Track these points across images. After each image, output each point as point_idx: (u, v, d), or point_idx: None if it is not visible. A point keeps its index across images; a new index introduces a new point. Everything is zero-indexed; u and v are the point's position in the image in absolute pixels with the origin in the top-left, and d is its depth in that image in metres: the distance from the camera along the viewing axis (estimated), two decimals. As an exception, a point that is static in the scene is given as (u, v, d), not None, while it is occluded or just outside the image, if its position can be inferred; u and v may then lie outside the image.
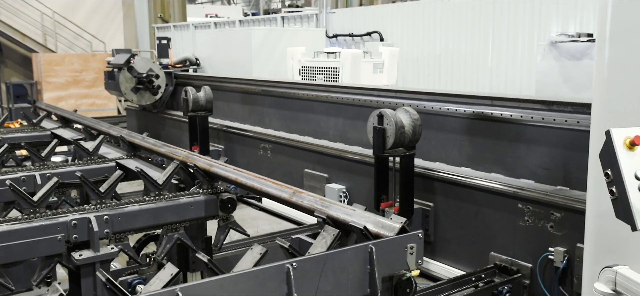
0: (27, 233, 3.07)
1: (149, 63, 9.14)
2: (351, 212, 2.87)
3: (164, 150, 4.85)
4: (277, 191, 3.41)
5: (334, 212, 2.88)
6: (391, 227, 2.64)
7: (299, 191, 3.25)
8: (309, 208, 3.04)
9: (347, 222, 2.84)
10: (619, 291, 2.05)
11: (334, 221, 2.85)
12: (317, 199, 3.07)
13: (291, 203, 3.26)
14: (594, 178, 2.60)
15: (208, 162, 4.01)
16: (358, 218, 2.79)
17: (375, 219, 2.77)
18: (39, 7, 17.53)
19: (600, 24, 2.59)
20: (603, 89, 2.57)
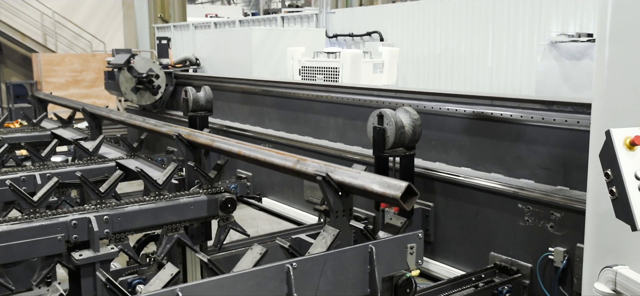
0: (27, 233, 3.08)
1: (149, 63, 9.14)
2: (356, 175, 2.82)
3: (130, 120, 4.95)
4: (280, 161, 3.39)
5: (338, 176, 2.82)
6: (397, 186, 2.57)
7: (302, 159, 3.21)
8: (313, 174, 2.94)
9: (351, 185, 2.75)
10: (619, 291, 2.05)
11: (338, 183, 2.77)
12: (321, 165, 3.01)
13: (296, 170, 3.21)
14: (594, 178, 2.60)
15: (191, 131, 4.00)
16: (363, 180, 2.72)
17: (381, 180, 2.70)
18: (39, 7, 17.53)
19: (600, 24, 2.59)
20: (603, 89, 2.57)
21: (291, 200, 6.70)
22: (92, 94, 16.43)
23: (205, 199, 3.65)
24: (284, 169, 3.36)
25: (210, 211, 3.68)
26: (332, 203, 2.75)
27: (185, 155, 3.97)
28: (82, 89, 16.36)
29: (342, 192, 2.77)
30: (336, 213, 2.75)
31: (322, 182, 2.78)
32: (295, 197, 6.64)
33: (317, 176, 2.80)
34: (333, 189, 2.77)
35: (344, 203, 2.80)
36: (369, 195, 2.69)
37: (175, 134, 3.94)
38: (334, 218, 2.74)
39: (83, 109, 6.04)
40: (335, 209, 2.76)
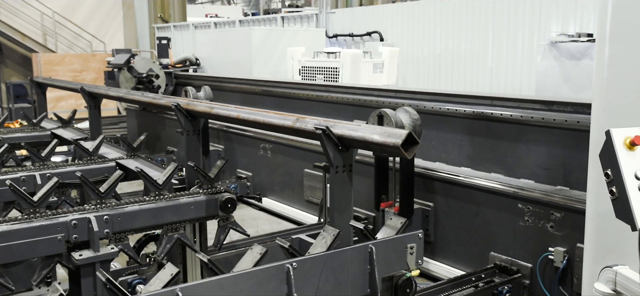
0: (27, 233, 3.08)
1: (149, 63, 9.14)
2: (356, 127, 2.78)
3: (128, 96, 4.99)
4: (279, 120, 3.37)
5: (338, 129, 2.77)
6: (398, 134, 2.53)
7: (302, 117, 3.18)
8: (312, 130, 2.89)
9: (351, 137, 2.70)
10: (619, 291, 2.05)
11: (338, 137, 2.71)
12: (320, 121, 2.97)
13: (295, 129, 3.18)
14: (594, 178, 2.60)
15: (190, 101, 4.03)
16: (363, 132, 2.69)
17: (382, 130, 2.65)
18: (39, 7, 17.53)
19: (600, 24, 2.59)
20: (603, 89, 2.57)
21: (291, 200, 6.70)
22: (92, 94, 16.44)
23: (205, 199, 3.65)
24: (283, 128, 3.32)
25: (210, 211, 3.68)
26: (332, 158, 2.69)
27: (184, 125, 3.93)
28: (82, 89, 16.36)
29: (342, 146, 2.71)
30: (336, 168, 2.69)
31: (322, 136, 2.72)
32: (295, 197, 6.64)
33: (317, 130, 2.75)
34: (333, 143, 2.72)
35: (344, 157, 2.73)
36: (370, 146, 2.63)
37: (174, 104, 3.96)
38: (334, 173, 2.69)
39: (82, 88, 6.16)
40: (335, 164, 2.70)
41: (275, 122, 3.42)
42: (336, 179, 2.69)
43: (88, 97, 6.19)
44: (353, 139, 2.69)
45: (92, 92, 6.22)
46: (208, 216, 3.71)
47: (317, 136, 2.75)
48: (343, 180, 2.71)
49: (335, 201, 2.71)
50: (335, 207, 2.70)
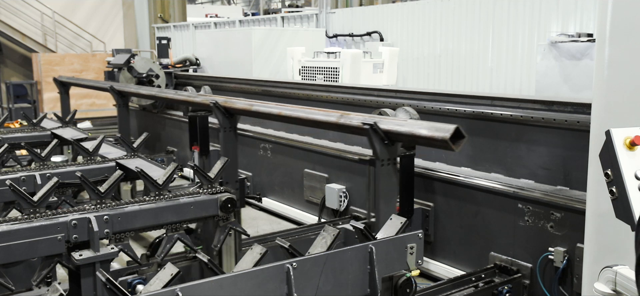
0: (27, 233, 3.08)
1: (149, 63, 9.14)
2: (403, 122, 2.90)
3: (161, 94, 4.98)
4: (324, 117, 3.43)
5: (385, 125, 2.89)
6: (446, 129, 2.60)
7: (346, 113, 3.25)
8: (359, 126, 3.00)
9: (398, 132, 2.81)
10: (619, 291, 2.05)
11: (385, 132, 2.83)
12: (366, 116, 3.10)
13: (339, 124, 3.31)
14: (594, 178, 2.60)
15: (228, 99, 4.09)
16: (410, 127, 2.81)
17: (428, 124, 2.73)
18: (39, 7, 17.52)
19: (600, 24, 2.59)
20: (603, 89, 2.57)
21: (291, 200, 6.70)
22: (92, 94, 16.40)
23: (205, 200, 3.65)
24: (327, 124, 3.45)
25: (210, 211, 3.68)
26: (378, 151, 2.81)
27: (222, 122, 4.04)
28: (82, 90, 16.34)
29: (389, 140, 2.82)
30: (382, 161, 2.80)
31: (369, 130, 2.84)
32: (295, 197, 6.64)
33: (365, 125, 2.86)
34: (380, 137, 2.82)
35: (389, 151, 2.85)
36: (417, 140, 2.74)
37: (213, 102, 4.05)
38: (380, 165, 2.81)
39: (111, 87, 6.23)
40: (382, 157, 2.82)
41: (319, 119, 3.51)
42: (382, 171, 2.82)
43: (117, 95, 6.20)
44: (400, 134, 2.81)
45: (121, 91, 6.21)
46: (208, 216, 3.71)
47: (364, 131, 2.86)
48: (388, 172, 2.84)
49: (381, 191, 2.83)
50: (382, 196, 2.83)
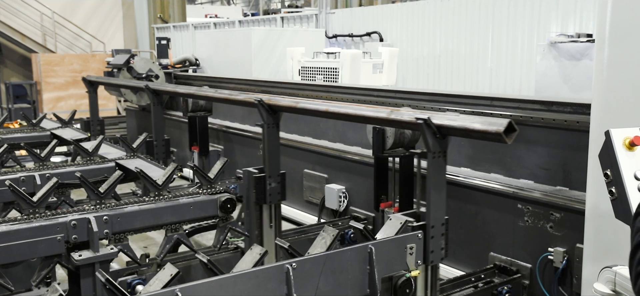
0: (26, 233, 3.08)
1: (148, 63, 9.14)
2: (455, 117, 3.01)
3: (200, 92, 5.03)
4: (373, 113, 3.55)
5: (438, 120, 3.01)
6: (499, 122, 2.70)
7: (396, 109, 3.32)
8: (410, 122, 3.14)
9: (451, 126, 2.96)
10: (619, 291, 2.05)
11: (438, 126, 2.97)
12: (416, 111, 3.23)
13: (390, 120, 3.38)
14: (594, 178, 2.60)
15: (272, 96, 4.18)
16: (463, 121, 2.94)
17: (481, 119, 2.85)
18: (39, 7, 17.52)
19: (599, 25, 2.59)
20: (602, 90, 2.58)
21: (291, 201, 6.70)
22: (91, 95, 16.42)
23: (205, 200, 3.65)
24: (377, 120, 3.51)
25: (209, 211, 3.68)
26: (430, 145, 2.97)
27: (265, 119, 4.17)
28: (81, 90, 16.29)
29: (440, 134, 2.98)
30: (433, 154, 2.97)
31: (422, 125, 3.00)
32: (294, 197, 6.64)
33: (418, 120, 3.02)
34: (432, 131, 2.98)
35: (441, 144, 3.01)
36: (470, 134, 2.87)
37: (257, 100, 4.14)
38: (432, 158, 2.97)
39: (146, 87, 6.25)
40: (433, 150, 2.97)
41: (368, 115, 3.58)
42: (433, 163, 2.99)
43: (152, 94, 6.22)
44: (452, 128, 2.95)
45: (156, 90, 6.22)
46: (208, 216, 3.71)
47: (417, 125, 3.03)
48: (439, 164, 3.01)
49: (433, 182, 3.00)
50: (433, 187, 3.00)
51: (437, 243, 3.05)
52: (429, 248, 3.00)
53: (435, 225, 3.03)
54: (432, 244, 3.02)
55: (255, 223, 4.06)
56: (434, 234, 3.03)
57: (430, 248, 3.01)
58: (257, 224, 4.07)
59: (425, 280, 3.10)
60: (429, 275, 3.11)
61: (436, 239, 3.04)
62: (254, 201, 4.07)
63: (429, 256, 3.01)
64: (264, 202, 4.09)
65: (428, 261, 3.03)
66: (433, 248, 3.02)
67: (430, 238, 3.01)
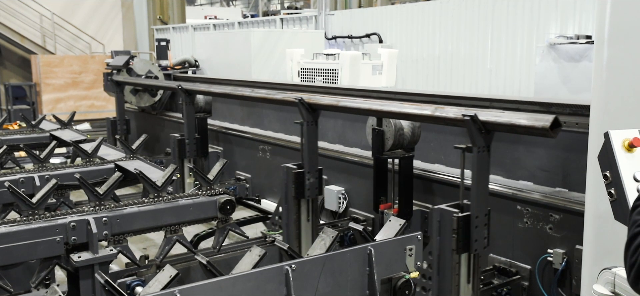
0: (25, 234, 3.08)
1: (148, 65, 9.14)
2: (501, 114, 3.17)
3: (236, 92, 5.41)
4: (416, 110, 3.68)
5: (483, 116, 3.16)
6: (545, 118, 2.81)
7: (440, 107, 3.44)
8: (456, 119, 3.31)
9: (497, 122, 3.13)
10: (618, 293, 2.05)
11: (483, 122, 3.15)
12: (460, 108, 3.39)
13: (435, 117, 3.53)
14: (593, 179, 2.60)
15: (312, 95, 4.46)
16: (509, 118, 3.11)
17: (527, 115, 2.96)
18: (38, 8, 17.52)
19: (598, 26, 2.59)
20: (602, 91, 2.58)
21: (290, 202, 6.70)
22: (91, 96, 16.42)
23: (204, 201, 3.65)
24: (421, 117, 3.66)
25: (209, 213, 3.68)
26: (476, 140, 3.17)
27: (305, 117, 4.31)
28: (81, 91, 16.36)
29: (485, 130, 3.17)
30: (479, 148, 3.20)
31: (469, 122, 3.18)
32: (294, 199, 6.64)
33: (465, 117, 3.20)
34: (478, 127, 3.16)
35: (485, 139, 3.21)
36: (516, 129, 3.04)
37: (298, 98, 4.28)
38: (477, 152, 3.21)
39: (179, 87, 6.27)
40: (478, 145, 3.19)
41: (411, 112, 3.71)
42: (478, 157, 3.21)
43: (185, 94, 6.26)
44: (498, 124, 3.14)
45: (189, 90, 6.26)
46: (207, 217, 3.71)
47: (464, 122, 3.21)
48: (484, 158, 3.25)
49: (477, 174, 3.24)
50: (478, 179, 3.26)
51: (481, 232, 3.24)
52: (473, 237, 3.17)
53: (479, 216, 3.24)
54: (476, 234, 3.20)
55: (293, 217, 4.27)
56: (478, 224, 3.22)
57: (474, 237, 3.19)
58: (295, 218, 4.28)
59: (469, 267, 3.25)
60: (472, 263, 3.26)
61: (480, 229, 3.23)
62: (293, 196, 4.27)
63: (473, 245, 3.19)
64: (302, 196, 4.31)
65: (472, 250, 3.19)
66: (477, 237, 3.21)
67: (474, 228, 3.20)
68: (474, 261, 3.27)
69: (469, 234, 3.17)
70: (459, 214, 3.16)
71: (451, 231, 3.14)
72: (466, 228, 3.17)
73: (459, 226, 3.14)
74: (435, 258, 3.20)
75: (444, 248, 3.18)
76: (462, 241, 3.15)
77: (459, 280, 3.18)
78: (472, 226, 3.19)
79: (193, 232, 5.32)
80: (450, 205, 3.29)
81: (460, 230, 3.14)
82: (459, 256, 3.16)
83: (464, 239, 3.17)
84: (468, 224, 3.18)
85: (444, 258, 3.18)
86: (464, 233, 3.16)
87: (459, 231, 3.14)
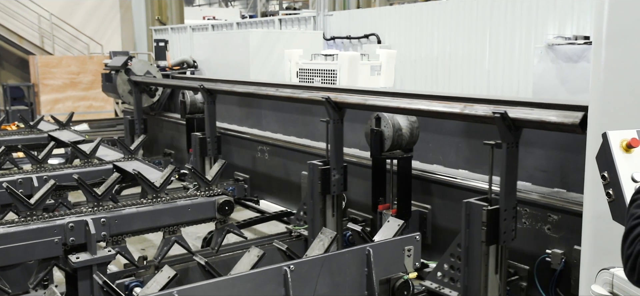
0: (23, 235, 3.07)
1: (146, 65, 9.13)
2: (530, 111, 3.28)
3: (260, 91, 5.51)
4: (446, 108, 3.75)
5: (513, 113, 3.26)
6: (575, 115, 2.85)
7: (469, 105, 3.60)
8: (485, 116, 3.42)
9: (526, 119, 3.24)
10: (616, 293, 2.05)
11: (513, 119, 3.26)
12: (490, 106, 3.50)
13: (464, 115, 3.61)
14: (591, 180, 2.61)
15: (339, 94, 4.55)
16: (539, 115, 3.21)
17: (556, 112, 2.98)
18: (36, 9, 17.50)
19: (596, 27, 2.59)
20: (600, 92, 2.58)
21: (289, 202, 6.70)
22: (89, 97, 16.41)
23: (203, 202, 3.65)
24: (450, 115, 3.75)
25: (207, 213, 3.68)
26: (505, 136, 3.32)
27: (332, 115, 4.45)
28: (79, 91, 16.34)
29: (514, 127, 3.29)
30: (508, 145, 3.33)
31: (499, 119, 3.30)
32: (293, 199, 6.64)
33: (495, 114, 3.31)
34: (507, 124, 3.30)
35: (514, 135, 3.33)
36: (546, 126, 3.15)
37: (324, 97, 4.41)
38: (506, 148, 3.33)
39: (201, 86, 6.31)
40: (508, 141, 3.32)
41: (440, 110, 3.80)
42: (507, 153, 3.34)
43: (206, 94, 6.26)
44: (527, 121, 3.25)
45: (211, 89, 6.24)
46: (206, 218, 3.71)
47: (494, 119, 3.33)
48: (513, 153, 3.38)
49: (507, 169, 3.35)
50: (507, 174, 3.37)
51: (509, 225, 3.42)
52: (501, 229, 3.36)
53: (508, 209, 3.40)
54: (504, 226, 3.39)
55: (318, 212, 4.49)
56: (506, 217, 3.40)
57: (503, 230, 3.38)
58: (320, 213, 4.51)
59: (496, 258, 3.44)
60: (500, 254, 3.45)
61: (508, 221, 3.41)
62: (319, 192, 4.49)
63: (501, 237, 3.38)
64: (328, 192, 4.53)
65: (500, 242, 3.39)
66: (505, 230, 3.39)
67: (502, 220, 3.38)
68: (501, 252, 3.44)
69: (497, 227, 3.35)
70: (488, 207, 3.32)
71: (480, 223, 3.32)
72: (495, 221, 3.35)
73: (488, 219, 3.32)
74: (464, 250, 3.38)
75: (472, 240, 3.36)
76: (490, 233, 3.33)
77: (488, 270, 3.37)
78: (500, 219, 3.37)
79: (192, 233, 5.33)
80: (480, 199, 3.45)
81: (489, 223, 3.32)
82: (487, 247, 3.35)
83: (493, 232, 3.34)
84: (497, 217, 3.35)
85: (472, 249, 3.35)
86: (493, 225, 3.33)
87: (488, 224, 3.31)
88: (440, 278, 3.74)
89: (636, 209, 1.55)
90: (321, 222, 4.49)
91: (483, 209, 3.32)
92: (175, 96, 8.91)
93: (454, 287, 3.61)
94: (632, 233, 1.50)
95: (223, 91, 6.43)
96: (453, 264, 3.60)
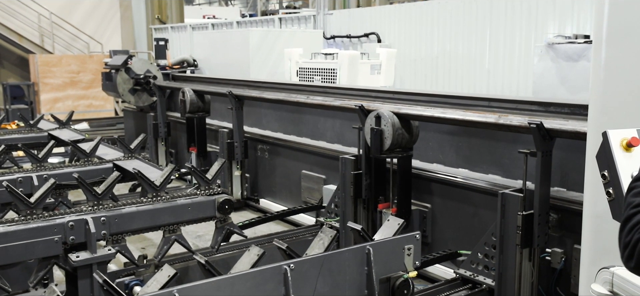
0: (23, 234, 3.07)
1: (146, 64, 9.13)
2: (564, 122, 3.51)
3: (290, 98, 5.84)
4: (480, 118, 3.95)
5: (548, 124, 3.48)
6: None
7: (504, 115, 3.84)
8: (521, 126, 3.65)
9: (561, 130, 3.47)
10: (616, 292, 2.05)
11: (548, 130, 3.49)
12: (524, 117, 3.73)
13: (499, 125, 3.84)
14: (591, 179, 2.60)
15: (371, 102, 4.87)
16: (574, 126, 3.39)
17: None
18: (36, 8, 17.50)
19: (597, 26, 2.59)
20: (600, 91, 2.58)
21: (289, 202, 6.70)
22: (89, 95, 16.40)
23: (203, 201, 3.65)
24: (485, 125, 3.97)
25: (207, 212, 3.68)
26: (540, 145, 3.55)
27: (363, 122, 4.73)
28: (79, 90, 16.34)
29: (549, 137, 3.54)
30: (543, 153, 3.56)
31: (535, 130, 3.53)
32: (292, 199, 6.64)
33: (531, 125, 3.55)
34: (542, 134, 3.52)
35: (548, 145, 3.58)
36: (581, 136, 3.29)
37: (358, 105, 4.72)
38: (541, 156, 3.56)
39: (229, 93, 6.56)
40: (542, 149, 3.55)
41: (475, 120, 4.03)
42: (542, 161, 3.57)
43: (235, 99, 6.48)
44: (562, 131, 3.46)
45: (239, 96, 6.47)
46: (206, 217, 3.71)
47: (530, 129, 3.59)
48: (547, 162, 3.61)
49: (541, 175, 3.60)
50: (541, 181, 3.61)
51: (543, 229, 3.68)
52: (535, 233, 3.63)
53: (541, 214, 3.64)
54: (539, 230, 3.65)
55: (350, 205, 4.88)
56: (540, 221, 3.65)
57: (537, 233, 3.64)
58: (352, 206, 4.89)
59: (530, 259, 3.73)
60: (535, 256, 3.73)
61: (542, 225, 3.67)
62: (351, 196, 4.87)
63: (536, 240, 3.66)
64: (359, 196, 4.89)
65: (534, 244, 3.67)
66: (539, 233, 3.65)
67: (536, 225, 3.64)
68: (536, 255, 3.75)
69: (532, 232, 3.64)
70: (523, 213, 3.60)
71: (515, 216, 3.63)
72: (529, 225, 3.63)
73: (523, 224, 3.61)
74: (498, 238, 3.75)
75: (506, 231, 3.68)
76: (525, 237, 3.63)
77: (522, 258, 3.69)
78: (534, 223, 3.64)
79: (192, 231, 5.33)
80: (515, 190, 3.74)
81: (524, 227, 3.61)
82: (521, 249, 3.65)
83: (527, 236, 3.64)
84: (531, 222, 3.63)
85: (506, 238, 3.69)
86: (527, 230, 3.63)
87: (523, 228, 3.61)
88: (474, 266, 3.99)
89: (634, 197, 1.56)
90: (353, 214, 4.90)
91: (518, 214, 3.62)
92: (175, 95, 8.90)
93: (488, 274, 3.90)
94: (631, 221, 1.50)
95: (252, 97, 6.55)
96: (487, 253, 3.90)
